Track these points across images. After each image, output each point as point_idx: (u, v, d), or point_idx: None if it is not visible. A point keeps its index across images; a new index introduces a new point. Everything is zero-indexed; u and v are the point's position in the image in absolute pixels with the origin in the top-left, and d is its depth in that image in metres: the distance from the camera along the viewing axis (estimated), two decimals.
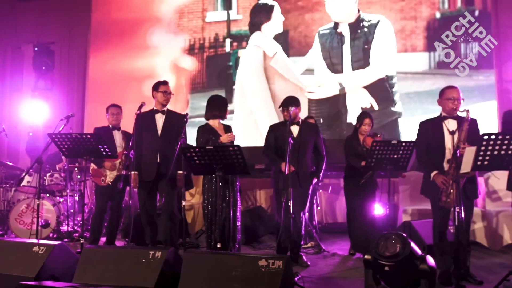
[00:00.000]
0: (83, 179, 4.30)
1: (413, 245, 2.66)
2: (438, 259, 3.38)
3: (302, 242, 4.14)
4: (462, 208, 3.06)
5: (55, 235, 4.91)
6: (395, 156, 3.61)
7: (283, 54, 6.05)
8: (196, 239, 4.99)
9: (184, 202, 3.44)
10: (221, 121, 3.84)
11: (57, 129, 4.58)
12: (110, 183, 4.17)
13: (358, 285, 3.09)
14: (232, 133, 3.63)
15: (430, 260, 2.64)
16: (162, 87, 3.89)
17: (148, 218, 3.84)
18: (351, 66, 5.81)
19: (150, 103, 3.99)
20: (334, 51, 5.87)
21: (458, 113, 3.29)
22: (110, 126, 4.32)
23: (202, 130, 3.78)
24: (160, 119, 3.88)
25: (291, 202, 3.41)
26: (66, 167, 5.23)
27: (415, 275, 2.63)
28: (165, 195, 3.80)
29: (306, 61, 5.99)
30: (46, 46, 6.66)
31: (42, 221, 4.76)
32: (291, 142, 3.49)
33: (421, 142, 3.48)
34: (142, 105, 3.82)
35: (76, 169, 5.24)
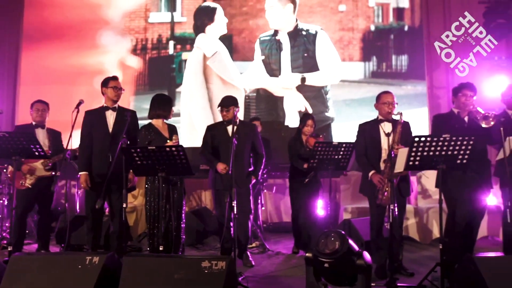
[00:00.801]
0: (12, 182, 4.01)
1: (351, 242, 2.78)
2: (375, 254, 3.57)
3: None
4: (396, 205, 3.27)
5: None
6: (336, 156, 3.76)
7: (224, 55, 6.08)
8: (138, 242, 4.85)
9: (125, 204, 3.31)
10: (165, 120, 3.76)
11: None
12: (30, 186, 3.92)
13: (300, 282, 3.17)
14: (176, 135, 3.55)
15: (367, 255, 2.78)
16: (112, 83, 3.73)
17: (94, 222, 3.66)
18: (291, 72, 6.02)
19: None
20: (272, 57, 6.07)
21: (394, 116, 3.50)
22: (34, 123, 4.06)
23: (145, 130, 3.67)
24: (111, 116, 3.71)
25: (235, 202, 3.41)
26: None
27: (353, 271, 2.75)
28: (117, 197, 3.63)
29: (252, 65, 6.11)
30: None
31: None
32: (235, 142, 3.50)
33: (359, 143, 3.66)
34: (80, 102, 3.65)
35: (4, 170, 4.86)
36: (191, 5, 6.21)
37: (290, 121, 5.97)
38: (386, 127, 3.52)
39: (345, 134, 5.53)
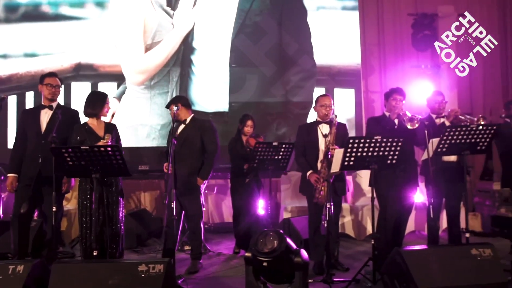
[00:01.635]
0: None
1: (289, 240, 2.84)
2: (313, 251, 3.70)
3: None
4: (332, 203, 3.41)
5: None
6: (276, 157, 3.83)
7: None
8: (71, 248, 4.59)
9: (55, 208, 3.11)
10: (103, 118, 3.58)
11: None
12: None
13: (241, 282, 3.18)
14: (109, 134, 3.40)
15: (304, 253, 2.86)
16: (46, 80, 3.53)
17: (20, 228, 3.40)
18: None
19: None
20: None
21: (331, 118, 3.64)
22: None
23: (78, 129, 3.47)
24: (45, 116, 3.50)
25: (174, 203, 3.35)
26: None
27: (291, 268, 2.81)
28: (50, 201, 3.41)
29: None
30: None
31: None
32: (175, 142, 3.43)
33: (299, 144, 3.77)
34: (3, 99, 3.39)
35: None
36: None
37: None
38: (323, 129, 3.65)
39: None
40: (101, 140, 3.35)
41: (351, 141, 3.07)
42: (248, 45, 5.79)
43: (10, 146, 4.51)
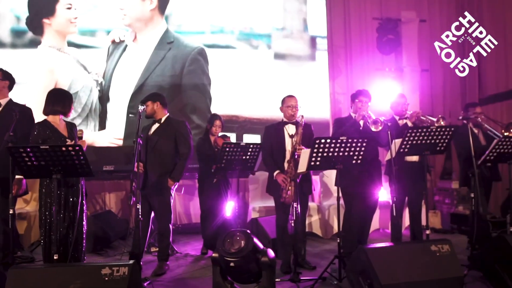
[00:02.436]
0: None
1: (256, 240, 2.85)
2: (280, 251, 3.73)
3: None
4: (299, 203, 3.45)
5: None
6: (244, 157, 3.83)
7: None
8: (30, 252, 4.39)
9: (11, 211, 2.97)
10: (64, 118, 3.46)
11: None
12: None
13: (208, 283, 3.16)
14: (82, 130, 3.28)
15: (271, 252, 2.87)
16: None
17: None
18: None
19: None
20: None
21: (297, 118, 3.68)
22: None
23: (38, 127, 3.32)
24: None
25: (139, 204, 3.28)
26: None
27: (258, 268, 2.82)
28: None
29: None
30: None
31: None
32: (140, 142, 3.36)
33: (266, 144, 3.79)
34: None
35: None
36: None
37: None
38: (290, 129, 3.69)
39: None
40: (66, 139, 3.23)
41: (317, 141, 3.11)
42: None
43: None
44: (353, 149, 3.17)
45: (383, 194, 4.67)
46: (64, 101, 3.41)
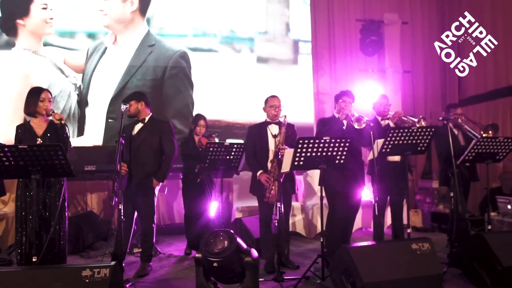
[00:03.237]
0: None
1: (239, 240, 2.85)
2: (264, 250, 3.73)
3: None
4: (282, 202, 3.46)
5: None
6: (228, 157, 3.82)
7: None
8: (8, 255, 4.27)
9: None
10: (49, 117, 3.34)
11: None
12: None
13: (191, 284, 3.15)
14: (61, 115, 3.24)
15: (254, 252, 2.87)
16: None
17: None
18: None
19: None
20: None
21: (281, 119, 3.69)
22: None
23: (18, 128, 3.29)
24: None
25: (121, 205, 3.24)
26: None
27: (241, 268, 2.82)
28: None
29: None
30: None
31: None
32: (122, 142, 3.32)
33: (249, 144, 3.79)
34: None
35: None
36: None
37: None
38: (273, 129, 3.70)
39: None
40: (37, 139, 3.16)
41: (301, 141, 3.12)
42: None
43: None
44: (336, 149, 3.19)
45: (366, 193, 4.73)
46: (28, 101, 3.31)
